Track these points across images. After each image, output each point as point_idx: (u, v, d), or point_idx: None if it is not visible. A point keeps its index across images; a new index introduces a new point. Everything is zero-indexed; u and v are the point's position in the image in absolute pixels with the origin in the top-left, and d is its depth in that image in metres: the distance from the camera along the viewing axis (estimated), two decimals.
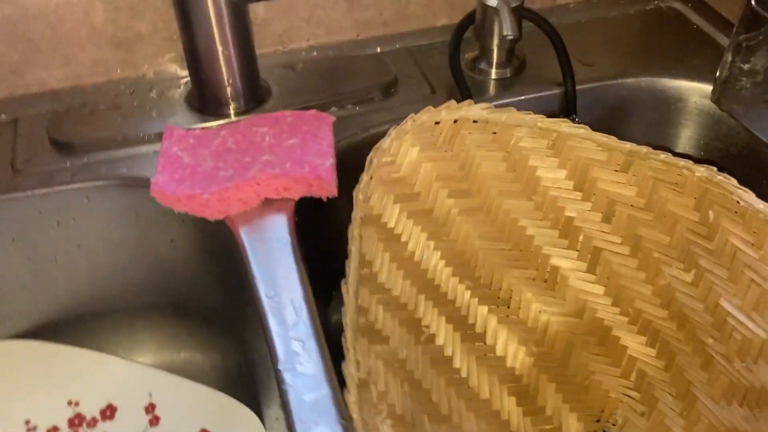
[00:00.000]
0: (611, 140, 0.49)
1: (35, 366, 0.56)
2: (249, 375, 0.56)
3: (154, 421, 0.53)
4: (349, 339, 0.46)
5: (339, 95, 0.57)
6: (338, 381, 0.41)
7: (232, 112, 0.56)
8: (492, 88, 0.60)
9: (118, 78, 0.59)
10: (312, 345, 0.41)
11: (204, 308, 0.58)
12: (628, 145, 0.49)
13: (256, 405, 0.52)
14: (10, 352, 0.56)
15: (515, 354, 0.56)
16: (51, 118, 0.55)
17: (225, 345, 0.58)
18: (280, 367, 0.40)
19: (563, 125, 0.50)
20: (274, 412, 0.49)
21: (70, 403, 0.55)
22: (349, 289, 0.49)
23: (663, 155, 0.48)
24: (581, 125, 0.49)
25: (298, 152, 0.50)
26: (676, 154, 0.47)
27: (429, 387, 0.53)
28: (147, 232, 0.54)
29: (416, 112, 0.51)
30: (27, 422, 0.54)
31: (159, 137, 0.53)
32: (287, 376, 0.39)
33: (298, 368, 0.40)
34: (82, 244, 0.54)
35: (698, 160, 0.47)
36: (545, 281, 0.56)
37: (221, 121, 0.55)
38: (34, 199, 0.51)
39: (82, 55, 0.57)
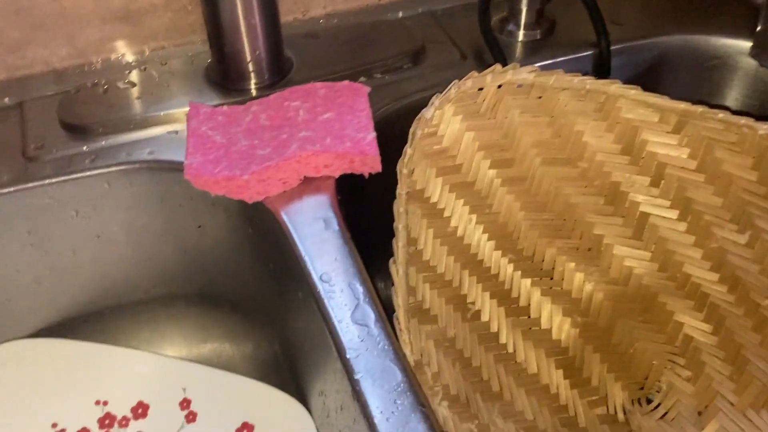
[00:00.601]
0: (664, 100, 0.47)
1: (58, 365, 0.52)
2: (288, 364, 0.53)
3: (191, 417, 0.51)
4: (402, 320, 0.44)
5: (366, 64, 0.54)
6: None
7: (255, 86, 0.52)
8: (521, 51, 0.57)
9: (128, 54, 0.55)
10: (378, 329, 0.38)
11: (233, 296, 0.55)
12: (682, 105, 0.47)
13: (298, 394, 0.50)
14: (30, 352, 0.53)
15: (560, 326, 0.55)
16: (61, 99, 0.51)
17: (258, 333, 0.55)
18: (349, 355, 0.37)
19: (613, 86, 0.48)
20: (318, 401, 0.47)
21: (98, 402, 0.51)
22: (398, 268, 0.47)
23: (721, 114, 0.46)
24: (632, 86, 0.47)
25: (336, 126, 0.47)
26: (734, 113, 0.45)
27: (478, 365, 0.52)
28: (172, 218, 0.51)
29: (449, 79, 0.48)
30: (54, 425, 0.51)
31: (181, 116, 0.50)
32: (357, 364, 0.37)
33: (367, 355, 0.37)
34: (102, 233, 0.50)
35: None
36: (589, 250, 0.55)
37: (245, 97, 0.52)
38: (50, 188, 0.47)
39: (87, 30, 0.53)
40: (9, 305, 0.52)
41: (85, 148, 0.49)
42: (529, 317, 0.55)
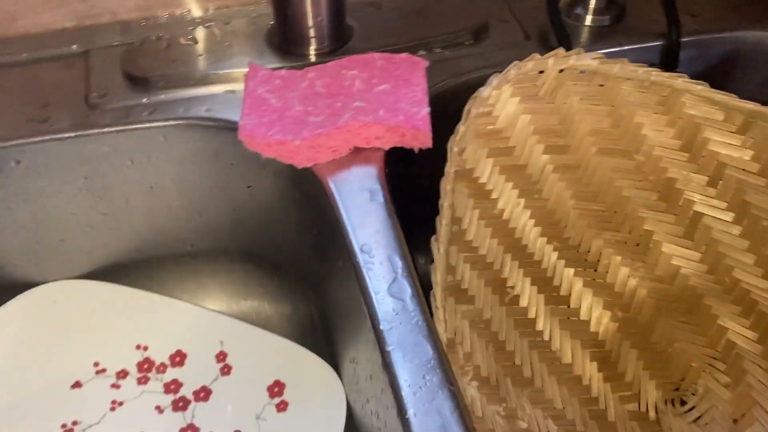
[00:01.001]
0: (731, 99, 0.45)
1: (103, 307, 0.55)
2: (323, 328, 0.54)
3: (226, 370, 0.52)
4: (438, 298, 0.44)
5: (427, 38, 0.53)
6: None
7: (314, 52, 0.52)
8: (587, 36, 0.56)
9: (193, 10, 0.56)
10: (413, 305, 0.39)
11: (276, 257, 0.56)
12: (750, 105, 0.45)
13: (330, 359, 0.51)
14: (78, 292, 0.55)
15: (599, 318, 0.54)
16: (125, 51, 0.52)
17: (296, 295, 0.56)
18: (382, 327, 0.38)
19: (679, 80, 0.46)
20: (349, 367, 0.48)
21: (138, 347, 0.53)
22: (439, 246, 0.46)
23: None
24: (699, 81, 0.46)
25: (390, 99, 0.47)
26: None
27: (512, 349, 0.51)
28: (223, 176, 0.51)
29: (510, 59, 0.47)
30: (96, 364, 0.53)
31: (239, 76, 0.51)
32: (390, 337, 0.37)
33: (400, 329, 0.38)
34: (155, 185, 0.52)
35: None
36: (637, 245, 0.53)
37: (303, 62, 0.52)
38: (109, 137, 0.49)
39: None
40: (62, 246, 0.54)
41: (144, 100, 0.50)
42: (569, 307, 0.54)
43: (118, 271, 0.56)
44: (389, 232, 0.42)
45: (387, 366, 0.37)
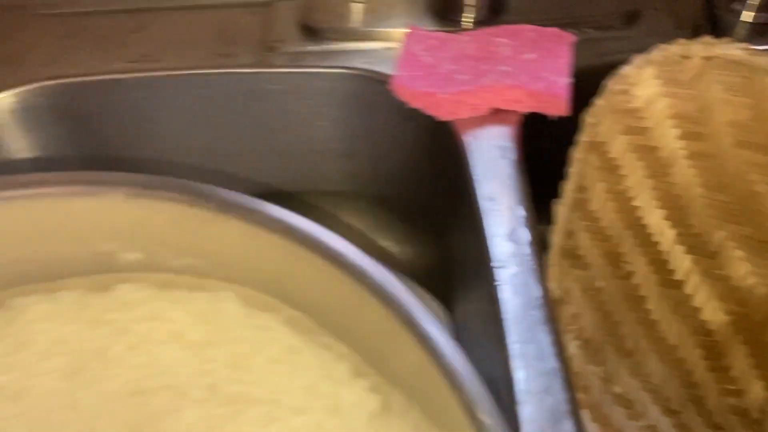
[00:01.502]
0: None
1: None
2: (441, 271, 0.58)
3: None
4: (554, 256, 0.47)
5: (578, 17, 0.56)
6: None
7: (469, 20, 0.57)
8: (743, 33, 0.56)
9: None
10: (528, 250, 0.42)
11: (407, 204, 0.61)
12: None
13: (442, 298, 0.55)
14: None
15: (712, 309, 0.55)
16: (303, 4, 0.59)
17: (420, 240, 0.61)
18: (495, 264, 0.41)
19: None
20: (461, 307, 0.52)
21: None
22: (561, 209, 0.50)
23: None
24: None
25: (534, 67, 0.50)
26: None
27: (618, 320, 0.53)
28: (372, 125, 0.57)
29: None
30: None
31: (398, 36, 0.56)
32: (501, 274, 0.41)
33: (511, 269, 0.41)
34: (313, 124, 0.58)
35: None
36: (762, 242, 0.53)
37: (457, 28, 0.56)
38: (281, 76, 0.55)
39: None
40: (228, 171, 0.62)
41: (314, 48, 0.56)
42: (682, 292, 0.55)
43: (271, 197, 0.63)
44: (515, 186, 0.46)
45: (494, 299, 0.40)
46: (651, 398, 0.51)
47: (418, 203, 0.59)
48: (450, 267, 0.57)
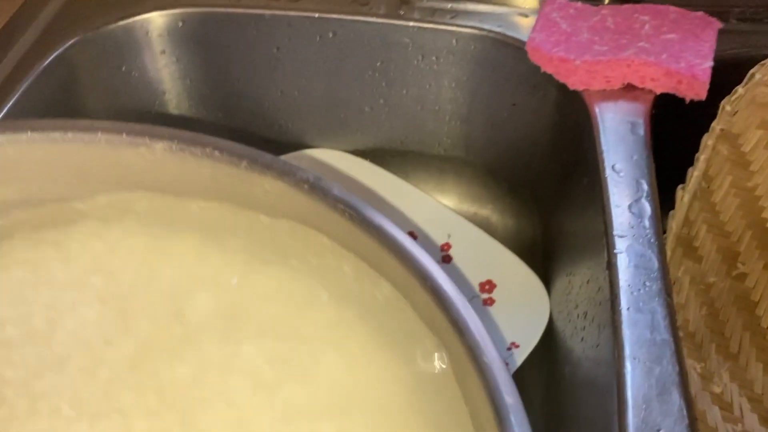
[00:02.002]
0: None
1: (353, 180, 0.62)
2: (543, 245, 0.58)
3: (447, 259, 0.58)
4: (669, 242, 0.45)
5: (726, 6, 0.54)
6: None
7: None
8: None
9: None
10: (649, 224, 0.41)
11: (516, 175, 0.60)
12: None
13: (542, 274, 0.54)
14: (338, 162, 0.63)
15: None
16: None
17: (525, 213, 0.60)
18: (615, 233, 0.40)
19: None
20: (563, 281, 0.51)
21: None
22: (685, 195, 0.48)
23: None
24: None
25: (675, 47, 0.49)
26: None
27: (725, 320, 0.51)
28: (494, 89, 0.57)
29: None
30: None
31: (533, 2, 0.55)
32: (620, 243, 0.40)
33: (630, 240, 0.40)
34: (433, 84, 0.58)
35: None
36: None
37: (598, 3, 0.55)
38: (412, 30, 0.56)
39: None
40: (339, 120, 0.63)
41: (449, 6, 0.56)
42: None
43: (376, 153, 0.64)
44: (642, 161, 0.45)
45: (611, 266, 0.39)
46: (750, 406, 0.49)
47: (528, 175, 0.59)
48: (552, 241, 0.56)
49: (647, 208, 0.42)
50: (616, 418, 0.34)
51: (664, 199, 0.48)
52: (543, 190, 0.58)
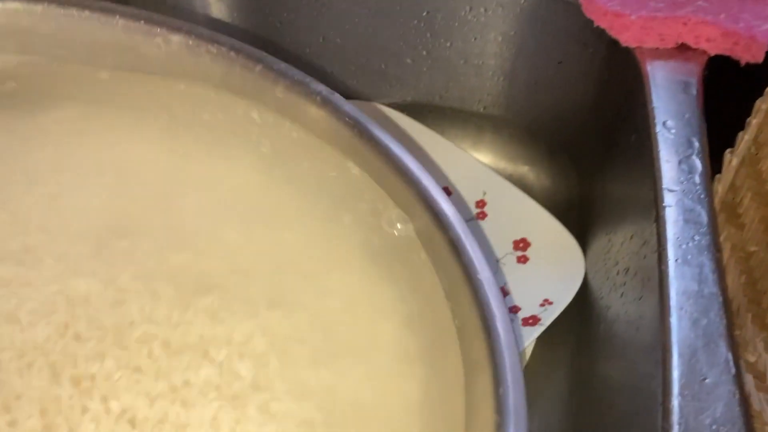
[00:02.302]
0: None
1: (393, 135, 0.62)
2: (579, 207, 0.57)
3: (481, 215, 0.57)
4: (716, 207, 0.45)
5: None
6: None
7: None
8: None
9: None
10: (700, 180, 0.40)
11: (557, 136, 0.59)
12: None
13: (578, 234, 0.54)
14: (374, 115, 0.62)
15: None
16: None
17: (562, 173, 0.59)
18: (665, 186, 0.40)
19: None
20: (602, 240, 0.50)
21: None
22: (733, 159, 0.47)
23: None
24: None
25: (735, 8, 0.48)
26: None
27: (762, 291, 0.50)
28: (542, 46, 0.56)
29: None
30: None
31: None
32: (669, 197, 0.39)
33: (680, 195, 0.40)
34: (479, 37, 0.57)
35: None
36: None
37: None
38: None
39: None
40: (380, 72, 0.62)
41: None
42: None
43: (414, 108, 0.63)
44: (694, 120, 0.44)
45: (659, 219, 0.39)
46: None
47: (569, 135, 0.58)
48: (590, 202, 0.55)
49: (698, 165, 0.41)
50: (660, 368, 0.34)
51: (712, 163, 0.48)
52: (583, 150, 0.57)
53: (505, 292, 0.52)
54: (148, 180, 0.40)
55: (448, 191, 0.59)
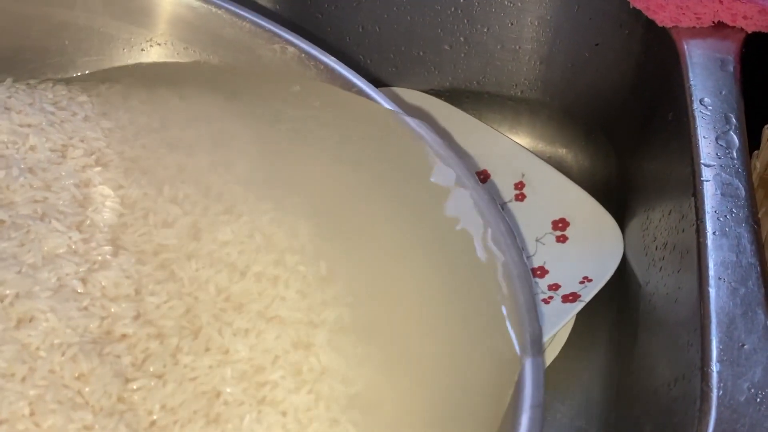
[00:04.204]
0: None
1: (430, 121, 0.63)
2: (617, 187, 0.58)
3: (520, 197, 0.58)
4: (754, 182, 0.45)
5: None
6: None
7: None
8: None
9: None
10: (737, 155, 0.41)
11: (594, 117, 0.60)
12: None
13: (616, 214, 0.55)
14: (414, 101, 0.64)
15: None
16: None
17: (600, 153, 0.60)
18: (702, 161, 0.41)
19: None
20: (641, 218, 0.51)
21: None
22: None
23: None
24: None
25: None
26: None
27: None
28: (577, 29, 0.57)
29: None
30: None
31: None
32: (707, 172, 0.40)
33: (718, 169, 0.40)
34: (515, 23, 0.59)
35: None
36: None
37: None
38: None
39: None
40: (418, 58, 0.64)
41: None
42: None
43: (451, 94, 0.65)
44: (731, 96, 0.45)
45: (697, 193, 0.40)
46: None
47: (607, 116, 0.59)
48: (628, 181, 0.56)
49: (735, 141, 0.42)
50: (699, 336, 0.35)
51: (750, 139, 0.48)
52: (621, 130, 0.58)
53: (544, 271, 0.54)
54: None
55: (486, 174, 0.60)
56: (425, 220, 0.39)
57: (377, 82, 0.66)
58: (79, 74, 0.49)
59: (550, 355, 0.50)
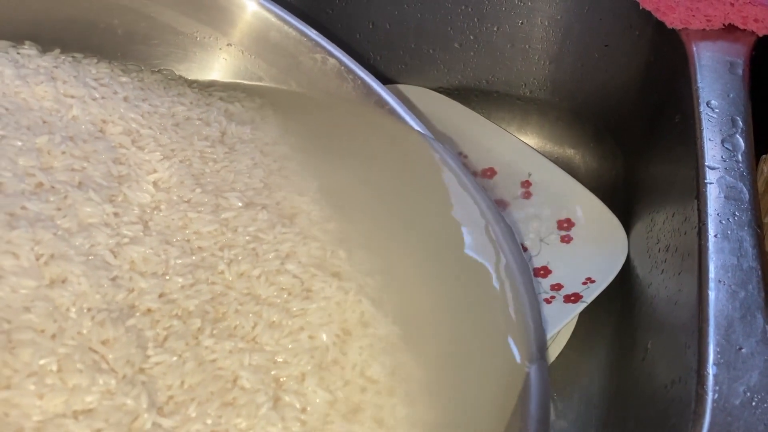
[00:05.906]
0: None
1: (438, 118, 0.63)
2: (624, 188, 0.58)
3: (527, 194, 0.58)
4: (759, 185, 0.45)
5: None
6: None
7: None
8: None
9: None
10: (742, 158, 0.41)
11: (605, 116, 0.60)
12: None
13: (622, 215, 0.54)
14: (424, 99, 0.64)
15: None
16: None
17: (608, 155, 0.60)
18: (707, 163, 0.41)
19: None
20: (645, 220, 0.51)
21: (459, 154, 0.62)
22: None
23: None
24: None
25: None
26: None
27: None
28: (587, 30, 0.57)
29: None
30: None
31: None
32: (710, 174, 0.40)
33: (723, 172, 0.40)
34: (525, 22, 0.59)
35: None
36: None
37: None
38: None
39: None
40: (428, 56, 0.64)
41: None
42: None
43: (460, 92, 0.65)
44: (739, 99, 0.44)
45: (700, 195, 0.40)
46: None
47: (614, 117, 0.59)
48: (634, 184, 0.56)
49: (741, 144, 0.42)
50: (696, 338, 0.35)
51: (758, 143, 0.48)
52: (629, 131, 0.57)
53: (547, 271, 0.54)
54: None
55: (493, 171, 0.60)
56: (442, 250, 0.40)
57: (386, 79, 0.66)
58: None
59: (551, 355, 0.50)
